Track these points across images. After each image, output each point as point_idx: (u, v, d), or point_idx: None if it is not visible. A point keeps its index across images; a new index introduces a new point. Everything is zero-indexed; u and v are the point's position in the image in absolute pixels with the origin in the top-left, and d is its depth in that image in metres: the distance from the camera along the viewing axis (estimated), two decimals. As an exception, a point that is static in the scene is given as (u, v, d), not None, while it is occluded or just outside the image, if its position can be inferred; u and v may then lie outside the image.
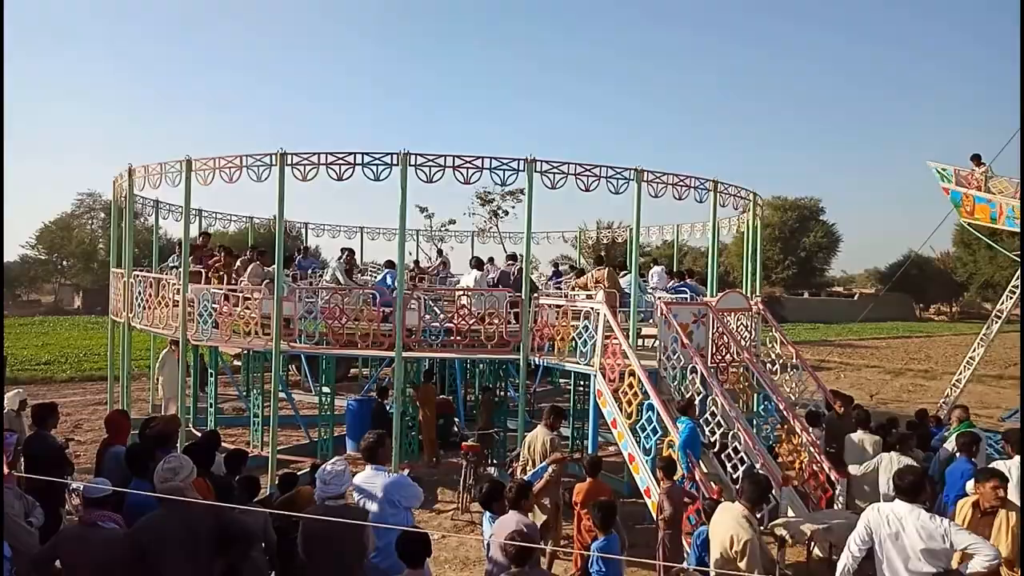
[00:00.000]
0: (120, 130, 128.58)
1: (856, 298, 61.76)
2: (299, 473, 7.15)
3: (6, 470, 4.54)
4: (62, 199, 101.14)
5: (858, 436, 8.26)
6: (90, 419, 14.25)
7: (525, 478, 7.33)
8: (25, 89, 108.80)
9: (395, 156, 9.29)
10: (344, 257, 12.03)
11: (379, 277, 12.54)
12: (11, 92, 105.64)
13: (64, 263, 54.05)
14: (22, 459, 6.67)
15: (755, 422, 9.51)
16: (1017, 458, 6.31)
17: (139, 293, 11.79)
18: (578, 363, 9.34)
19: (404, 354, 9.80)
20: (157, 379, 13.51)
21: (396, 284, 9.96)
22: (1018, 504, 5.49)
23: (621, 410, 8.38)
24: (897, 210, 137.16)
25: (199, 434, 9.99)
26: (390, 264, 12.04)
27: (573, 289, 12.53)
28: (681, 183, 10.17)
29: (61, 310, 49.25)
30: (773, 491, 6.88)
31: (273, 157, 9.47)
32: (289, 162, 9.43)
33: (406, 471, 9.23)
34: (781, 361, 10.55)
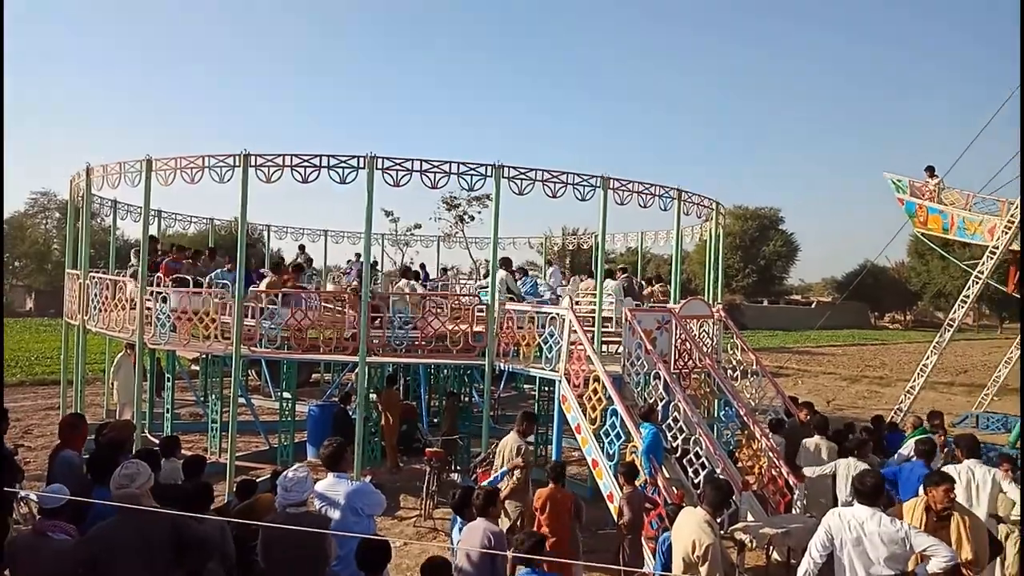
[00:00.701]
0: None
1: (814, 306, 63.15)
2: (259, 480, 7.04)
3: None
4: (15, 198, 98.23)
5: (814, 441, 8.43)
6: (41, 424, 13.85)
7: (486, 481, 7.36)
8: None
9: (361, 159, 9.22)
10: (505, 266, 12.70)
11: (527, 285, 12.81)
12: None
13: (16, 263, 52.45)
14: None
15: (716, 427, 9.64)
16: (967, 462, 6.50)
17: (95, 295, 11.49)
18: (543, 369, 9.37)
19: (368, 359, 9.71)
20: (112, 383, 13.17)
21: (540, 291, 10.27)
22: (965, 507, 5.66)
23: (585, 415, 8.43)
24: (854, 220, 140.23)
25: (155, 440, 9.77)
26: (524, 272, 12.38)
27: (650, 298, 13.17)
28: (646, 191, 10.27)
29: (12, 312, 47.71)
30: (734, 496, 6.97)
31: (236, 158, 9.32)
32: (253, 163, 9.29)
33: (368, 478, 9.14)
34: (742, 367, 10.74)
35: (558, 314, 9.36)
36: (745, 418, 9.05)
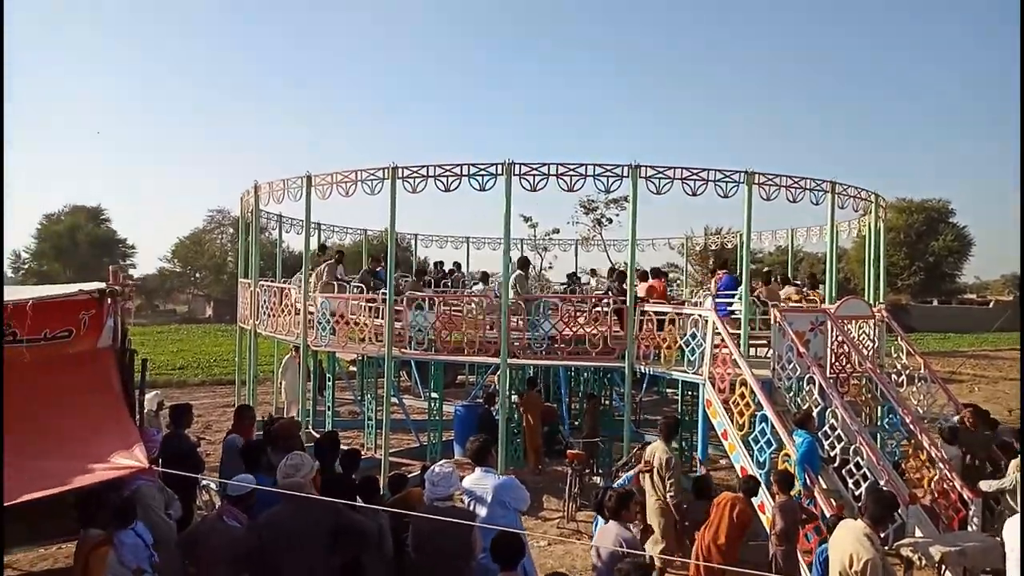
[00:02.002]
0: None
1: (991, 306, 57.05)
2: (409, 475, 7.36)
3: (148, 465, 4.93)
4: (195, 215, 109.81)
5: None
6: (219, 421, 15.22)
7: (619, 482, 7.33)
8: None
9: (500, 166, 9.46)
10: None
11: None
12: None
13: (196, 275, 58.15)
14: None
15: (879, 436, 8.99)
16: None
17: (264, 302, 12.53)
18: (686, 372, 9.14)
19: (509, 361, 9.91)
20: (280, 383, 14.29)
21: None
22: None
23: (732, 421, 8.13)
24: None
25: (318, 435, 10.48)
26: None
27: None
28: (795, 185, 9.79)
29: (194, 319, 52.99)
30: (899, 509, 6.48)
31: (385, 171, 9.86)
32: (400, 175, 9.79)
33: (512, 475, 9.34)
34: (907, 372, 9.91)
35: (701, 315, 9.11)
36: (912, 427, 8.37)
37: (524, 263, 11.96)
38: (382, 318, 10.49)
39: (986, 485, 7.39)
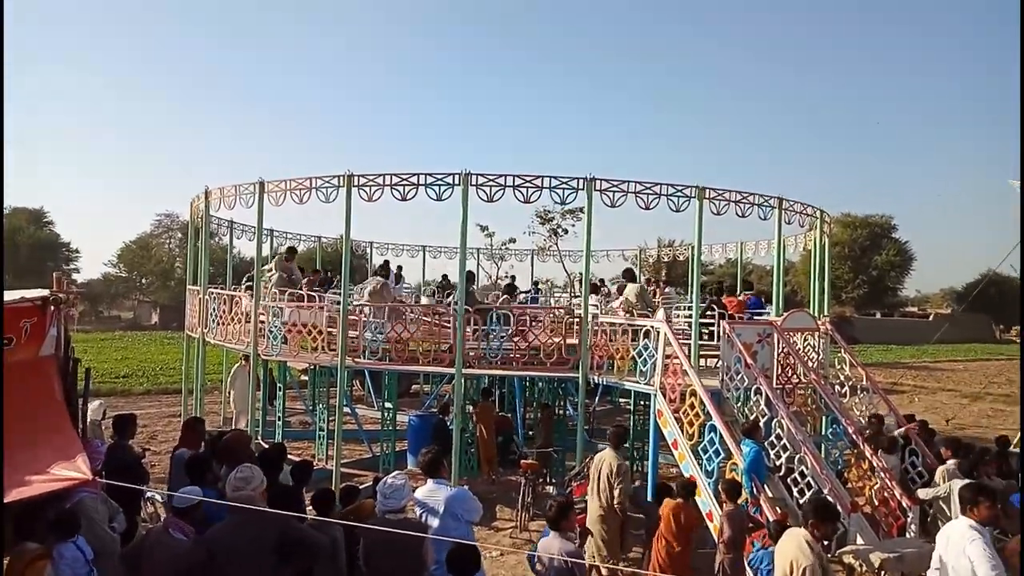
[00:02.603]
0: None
1: (931, 318, 59.28)
2: (361, 487, 7.30)
3: (91, 476, 4.79)
4: (142, 220, 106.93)
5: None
6: (165, 431, 14.84)
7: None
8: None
9: (457, 176, 9.48)
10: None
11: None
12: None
13: (143, 281, 56.59)
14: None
15: (823, 446, 9.24)
16: None
17: (213, 309, 12.28)
18: (638, 382, 9.27)
19: (464, 371, 9.91)
20: (229, 393, 14.00)
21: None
22: None
23: (682, 431, 8.27)
24: (975, 228, 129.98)
25: (266, 446, 10.30)
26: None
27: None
28: (744, 200, 10.03)
29: (139, 326, 51.53)
30: (841, 518, 6.67)
31: (341, 179, 9.78)
32: (356, 183, 9.72)
33: (465, 487, 9.31)
34: (850, 383, 10.23)
35: (653, 327, 9.26)
36: (854, 436, 8.64)
37: (633, 275, 11.83)
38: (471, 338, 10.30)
39: (923, 493, 7.67)
